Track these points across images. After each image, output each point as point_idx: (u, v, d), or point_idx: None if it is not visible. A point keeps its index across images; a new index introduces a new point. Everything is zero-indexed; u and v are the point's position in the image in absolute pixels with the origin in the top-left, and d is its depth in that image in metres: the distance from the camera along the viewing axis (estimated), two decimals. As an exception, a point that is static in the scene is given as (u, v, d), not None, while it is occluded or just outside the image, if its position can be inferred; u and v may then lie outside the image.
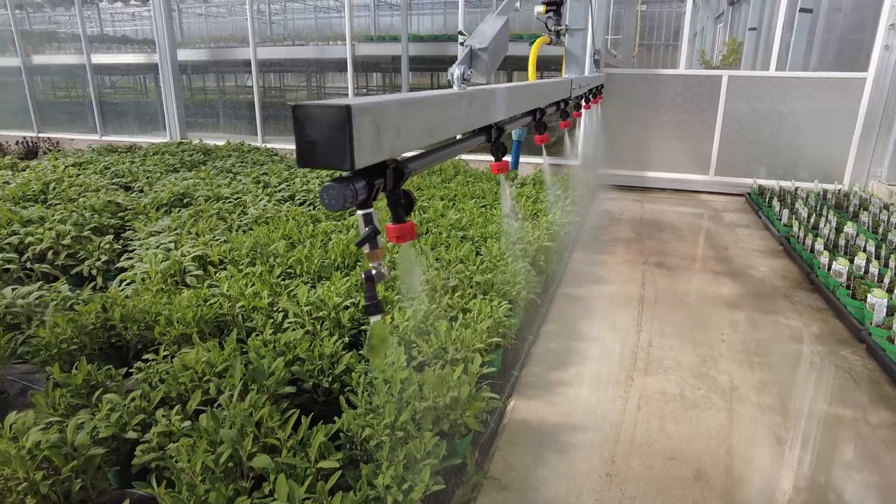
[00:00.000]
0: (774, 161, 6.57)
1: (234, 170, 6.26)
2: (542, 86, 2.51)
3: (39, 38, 11.18)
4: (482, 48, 1.65)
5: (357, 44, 7.73)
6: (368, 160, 0.99)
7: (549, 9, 3.63)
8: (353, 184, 1.01)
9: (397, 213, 1.23)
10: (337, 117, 0.91)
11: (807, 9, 8.03)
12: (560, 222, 4.24)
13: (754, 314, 3.56)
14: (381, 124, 1.04)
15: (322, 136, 0.92)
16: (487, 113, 1.72)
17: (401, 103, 1.15)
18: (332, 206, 0.98)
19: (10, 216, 4.37)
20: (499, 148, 1.95)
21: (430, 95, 1.32)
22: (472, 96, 1.55)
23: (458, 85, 1.57)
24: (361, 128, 0.94)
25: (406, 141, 1.18)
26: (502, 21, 1.81)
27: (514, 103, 2.03)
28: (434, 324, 2.62)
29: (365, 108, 0.96)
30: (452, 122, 1.46)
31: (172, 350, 2.63)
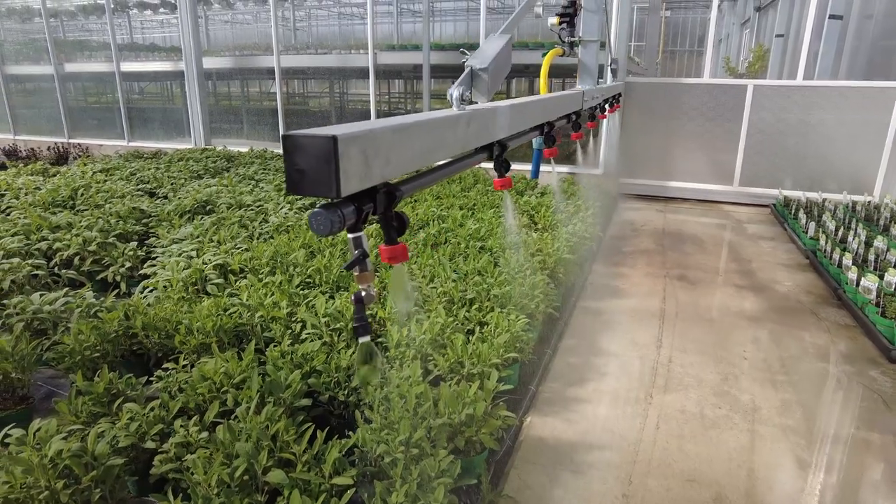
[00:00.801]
0: (801, 172, 6.44)
1: (257, 177, 6.34)
2: (551, 100, 2.49)
3: (72, 47, 11.48)
4: (482, 68, 1.65)
5: (379, 52, 7.78)
6: (356, 188, 1.01)
7: (562, 20, 3.63)
8: (340, 209, 1.03)
9: (389, 235, 1.24)
10: (324, 147, 0.93)
11: (836, 15, 7.87)
12: (580, 234, 4.20)
13: (778, 330, 3.48)
14: (371, 152, 1.06)
15: (310, 164, 0.94)
16: (488, 132, 1.70)
17: (393, 130, 1.15)
18: (319, 230, 1.00)
19: (39, 222, 4.48)
20: (501, 164, 1.93)
21: (425, 119, 1.31)
22: (471, 117, 1.54)
23: (457, 105, 1.57)
24: (348, 157, 0.96)
25: (398, 167, 1.20)
26: (505, 40, 1.80)
27: (519, 120, 2.01)
28: (451, 337, 2.61)
29: (353, 137, 0.98)
30: (449, 145, 1.45)
31: (192, 359, 2.66)
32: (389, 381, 2.26)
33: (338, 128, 1.03)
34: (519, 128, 2.05)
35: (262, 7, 16.46)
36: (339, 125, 1.08)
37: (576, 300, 3.83)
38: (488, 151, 1.82)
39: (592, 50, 3.76)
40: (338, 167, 0.93)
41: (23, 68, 11.01)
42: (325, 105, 13.18)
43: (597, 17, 3.72)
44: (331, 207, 1.01)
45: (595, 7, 3.73)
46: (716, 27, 6.94)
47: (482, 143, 1.69)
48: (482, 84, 1.67)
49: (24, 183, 6.03)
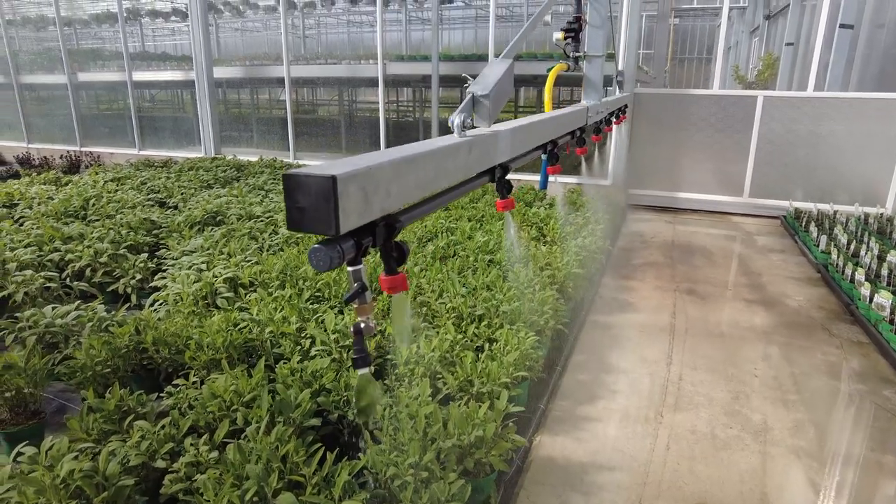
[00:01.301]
0: (812, 183, 6.40)
1: (266, 187, 6.38)
2: (554, 119, 2.49)
3: (85, 56, 11.62)
4: (484, 95, 1.65)
5: (388, 63, 7.82)
6: (354, 224, 1.03)
7: (567, 35, 3.64)
8: (340, 245, 1.04)
9: (389, 265, 1.24)
10: (323, 186, 0.95)
11: (847, 25, 7.83)
12: (590, 247, 4.19)
13: (789, 347, 3.45)
14: (370, 188, 1.07)
15: (309, 202, 0.96)
16: (489, 156, 1.71)
17: (393, 164, 1.16)
18: (319, 266, 1.01)
19: (52, 233, 4.52)
20: (503, 186, 1.92)
21: (426, 151, 1.32)
22: (472, 144, 1.55)
23: (459, 132, 1.57)
24: (347, 195, 0.98)
25: (398, 199, 1.21)
26: (507, 65, 1.80)
27: (521, 142, 2.01)
28: (460, 354, 2.61)
29: (352, 175, 1.00)
30: (450, 173, 1.45)
31: (202, 375, 2.67)
32: (399, 401, 2.26)
33: (338, 164, 1.05)
34: (521, 150, 2.05)
35: (272, 15, 16.62)
36: (340, 161, 1.10)
37: (585, 314, 3.82)
38: (490, 175, 1.82)
39: (597, 65, 3.77)
40: (337, 205, 0.95)
41: (37, 77, 11.15)
42: (334, 112, 13.27)
43: (601, 32, 3.73)
44: (330, 243, 1.03)
45: (600, 22, 3.74)
46: (725, 27, 6.92)
47: (484, 167, 1.70)
48: (484, 110, 1.68)
49: (38, 192, 6.10)
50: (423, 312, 3.03)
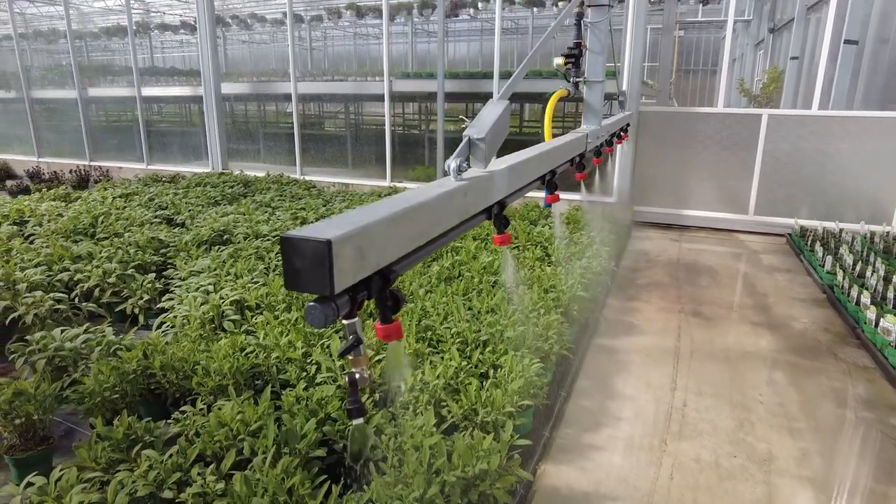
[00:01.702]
0: (817, 201, 6.39)
1: (273, 204, 6.43)
2: (551, 151, 2.51)
3: (95, 72, 11.76)
4: (480, 138, 1.68)
5: (394, 80, 7.89)
6: (349, 282, 1.06)
7: (567, 61, 3.71)
8: (335, 301, 1.06)
9: (384, 314, 1.26)
10: (318, 250, 0.98)
11: (852, 41, 7.84)
12: (594, 268, 4.20)
13: (795, 372, 3.45)
14: (365, 246, 1.10)
15: (305, 265, 1.00)
16: (486, 197, 1.73)
17: (388, 220, 1.19)
18: (314, 324, 1.05)
19: (61, 252, 4.57)
20: (501, 221, 1.94)
21: (422, 202, 1.34)
22: (468, 188, 1.57)
23: (455, 176, 1.60)
24: (342, 256, 1.01)
25: (393, 252, 1.23)
26: (503, 106, 1.83)
27: (518, 178, 2.03)
28: (465, 381, 2.63)
29: (347, 238, 1.03)
30: (445, 219, 1.48)
31: (209, 401, 2.69)
32: (403, 430, 2.27)
33: (334, 224, 1.08)
34: (519, 185, 2.07)
35: (279, 28, 16.80)
36: (336, 219, 1.13)
37: (590, 337, 3.83)
38: (487, 213, 1.84)
39: (597, 90, 3.82)
40: (331, 267, 0.98)
41: (48, 92, 11.30)
42: (340, 126, 13.36)
43: (601, 57, 3.78)
44: (325, 301, 1.05)
45: (599, 48, 3.79)
46: (730, 45, 6.94)
47: (481, 208, 1.72)
48: (479, 152, 1.70)
49: (48, 209, 6.17)
50: (427, 337, 3.05)
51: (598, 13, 3.79)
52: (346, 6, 12.62)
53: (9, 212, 6.06)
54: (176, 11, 19.86)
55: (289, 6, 8.20)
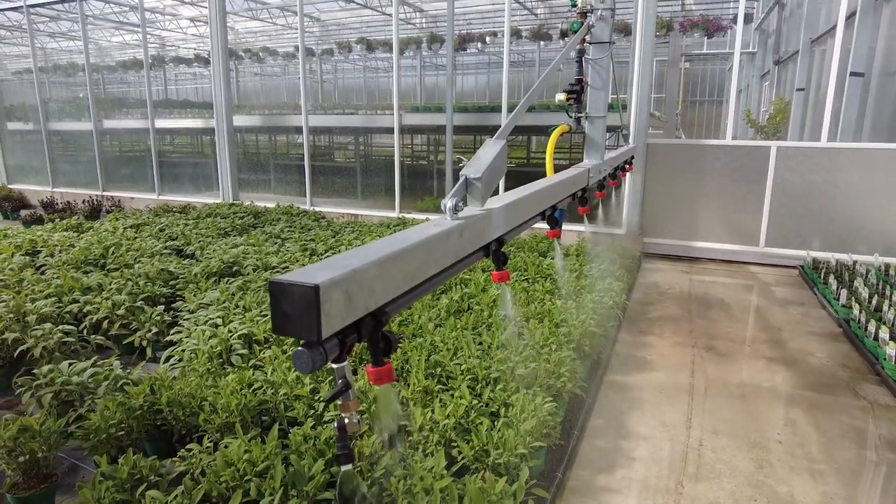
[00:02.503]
0: (829, 233, 6.34)
1: (283, 235, 6.46)
2: (552, 187, 2.50)
3: (111, 105, 12.02)
4: (476, 177, 1.69)
5: (404, 113, 7.99)
6: (338, 326, 1.05)
7: (569, 97, 3.77)
8: (323, 346, 1.05)
9: (376, 357, 1.24)
10: (305, 295, 0.97)
11: (858, 73, 7.89)
12: (606, 303, 4.16)
13: (813, 410, 3.36)
14: (355, 290, 1.09)
15: (293, 309, 0.99)
16: (482, 235, 1.73)
17: (379, 263, 1.18)
18: (302, 369, 1.03)
19: (72, 284, 4.59)
20: (499, 258, 1.93)
21: (415, 243, 1.33)
22: (464, 227, 1.57)
23: (451, 216, 1.59)
24: (330, 301, 1.00)
25: (385, 295, 1.22)
26: (500, 146, 1.84)
27: (516, 216, 2.02)
28: (475, 420, 2.57)
29: (336, 282, 1.02)
30: (441, 258, 1.47)
31: (216, 438, 2.65)
32: (413, 472, 2.21)
33: (323, 267, 1.07)
34: (518, 221, 2.07)
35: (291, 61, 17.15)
36: (326, 262, 1.13)
37: (602, 374, 3.76)
38: (484, 250, 1.83)
39: (599, 125, 3.86)
40: (319, 312, 0.97)
41: (64, 124, 11.54)
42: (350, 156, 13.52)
43: (602, 93, 3.84)
44: (313, 346, 1.03)
45: (601, 84, 3.84)
46: (737, 78, 6.98)
47: (477, 246, 1.72)
48: (476, 191, 1.71)
49: (60, 239, 6.22)
50: (437, 373, 3.00)
51: (599, 50, 3.86)
52: (356, 40, 12.91)
53: (22, 242, 6.11)
54: (190, 45, 20.37)
55: (300, 40, 8.38)
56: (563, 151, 11.68)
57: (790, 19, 12.08)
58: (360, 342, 1.20)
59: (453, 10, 7.87)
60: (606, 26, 3.81)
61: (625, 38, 10.56)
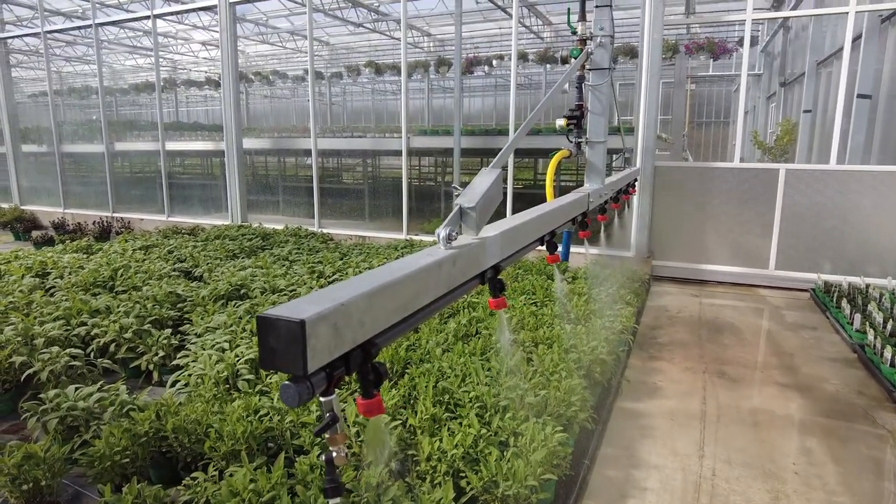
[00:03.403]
0: (840, 256, 6.28)
1: (291, 258, 6.46)
2: (550, 213, 2.50)
3: (123, 127, 12.20)
4: (471, 207, 1.70)
5: (412, 136, 8.05)
6: (325, 360, 1.05)
7: (569, 123, 3.82)
8: (309, 380, 1.05)
9: (366, 389, 1.24)
10: (292, 330, 0.98)
11: (865, 95, 7.89)
12: (615, 328, 4.11)
13: (830, 439, 3.28)
14: (342, 324, 1.09)
15: (279, 344, 0.99)
16: (477, 264, 1.72)
17: (368, 295, 1.17)
18: (289, 403, 1.03)
19: (80, 306, 4.60)
20: (495, 285, 1.92)
21: (405, 275, 1.32)
22: (457, 256, 1.57)
23: (444, 245, 1.59)
24: (317, 336, 1.00)
25: (374, 327, 1.21)
26: (495, 175, 1.86)
27: (513, 243, 2.02)
28: (484, 450, 2.53)
29: (323, 316, 1.02)
30: (432, 288, 1.46)
31: (221, 466, 2.62)
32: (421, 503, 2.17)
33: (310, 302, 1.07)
34: (515, 248, 2.06)
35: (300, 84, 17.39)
36: (315, 294, 1.12)
37: (613, 400, 3.70)
38: (480, 277, 1.83)
39: (599, 150, 3.90)
40: (305, 347, 0.98)
41: (77, 147, 11.70)
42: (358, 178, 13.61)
43: (602, 118, 3.89)
44: (299, 380, 1.03)
45: (600, 110, 3.89)
46: (743, 102, 6.98)
47: (471, 275, 1.71)
48: (470, 220, 1.72)
49: (69, 261, 6.26)
50: (444, 401, 2.97)
51: (598, 76, 3.91)
52: (365, 64, 13.07)
53: (32, 264, 6.15)
54: (202, 68, 20.73)
55: (310, 64, 8.50)
56: (569, 173, 11.71)
57: (795, 42, 12.15)
58: (349, 374, 1.19)
59: (461, 34, 7.97)
60: (606, 53, 3.86)
61: (631, 60, 10.65)
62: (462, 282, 1.63)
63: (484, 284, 1.86)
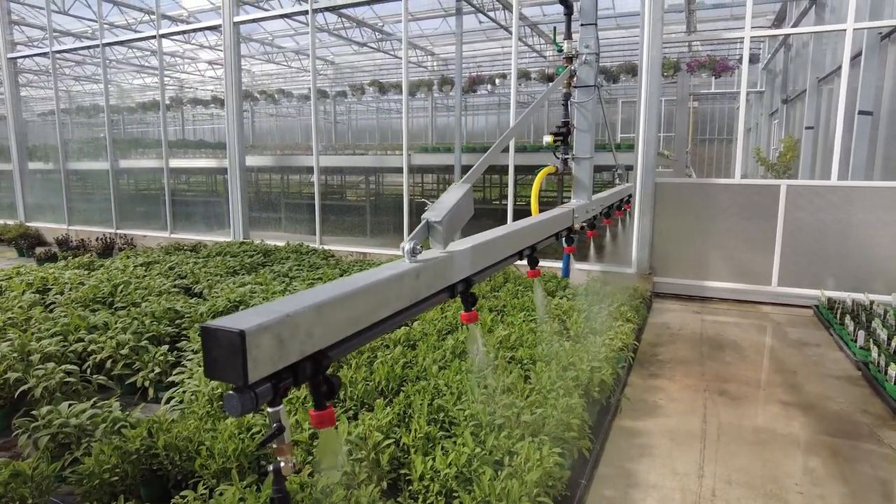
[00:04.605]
0: (843, 272, 6.22)
1: (291, 274, 6.46)
2: (526, 229, 2.50)
3: (128, 145, 12.33)
4: (437, 221, 1.71)
5: (413, 154, 8.09)
6: (267, 371, 1.05)
7: (556, 140, 3.87)
8: (253, 391, 1.05)
9: (318, 400, 1.24)
10: (231, 340, 0.99)
11: (866, 111, 7.89)
12: (615, 345, 4.07)
13: (834, 458, 3.22)
14: (287, 335, 1.09)
15: (221, 354, 1.01)
16: (444, 277, 1.73)
17: (317, 307, 1.17)
18: (233, 413, 1.04)
19: (78, 322, 4.59)
20: (466, 299, 1.92)
21: (360, 287, 1.32)
22: (421, 270, 1.57)
23: (409, 258, 1.59)
24: (258, 346, 1.01)
25: (325, 338, 1.21)
26: (465, 189, 1.87)
27: (486, 257, 2.01)
28: (477, 469, 2.48)
29: (265, 327, 1.03)
30: (393, 301, 1.46)
31: (212, 484, 2.59)
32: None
33: (254, 313, 1.08)
34: (489, 262, 2.06)
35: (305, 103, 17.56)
36: (260, 308, 1.13)
37: (612, 418, 3.65)
38: (450, 291, 1.82)
39: (585, 166, 3.93)
40: (245, 358, 0.99)
41: (83, 164, 11.81)
42: (360, 195, 13.66)
43: (588, 135, 3.94)
44: (243, 390, 1.04)
45: (586, 127, 3.94)
46: (744, 117, 6.99)
47: (439, 288, 1.71)
48: (438, 235, 1.74)
49: (70, 277, 6.27)
50: (439, 419, 2.93)
51: (584, 94, 3.95)
52: (369, 83, 13.21)
53: (33, 280, 6.17)
54: (208, 87, 20.98)
55: (313, 83, 8.58)
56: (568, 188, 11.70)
57: (796, 59, 12.20)
58: (298, 386, 1.19)
59: (461, 54, 8.04)
60: (591, 70, 3.90)
61: (633, 78, 10.71)
62: (427, 295, 1.63)
63: (454, 298, 1.86)
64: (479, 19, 11.76)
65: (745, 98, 6.98)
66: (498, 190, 14.98)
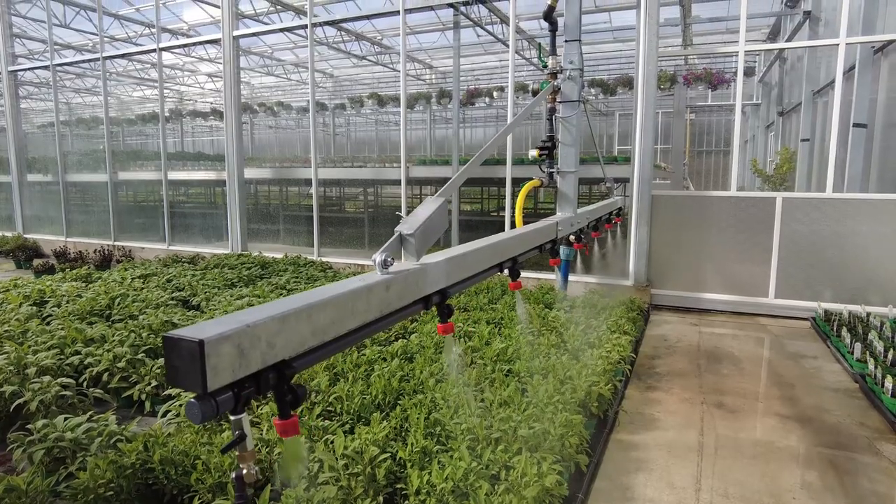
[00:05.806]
0: (840, 284, 6.24)
1: (289, 286, 6.46)
2: (510, 240, 2.52)
3: (126, 157, 12.36)
4: (410, 234, 1.74)
5: (411, 166, 8.13)
6: (227, 380, 1.07)
7: (542, 153, 3.92)
8: (214, 399, 1.07)
9: (282, 409, 1.26)
10: (191, 349, 1.01)
11: (860, 124, 7.95)
12: (613, 358, 4.07)
13: (832, 472, 3.21)
14: (248, 345, 1.11)
15: (181, 362, 1.03)
16: (417, 288, 1.75)
17: (279, 318, 1.20)
18: (194, 420, 1.06)
19: (75, 335, 4.59)
20: (442, 311, 1.94)
21: (326, 299, 1.34)
22: (392, 281, 1.59)
23: (380, 270, 1.61)
24: (218, 355, 1.04)
25: (287, 349, 1.23)
26: (439, 203, 1.90)
27: (462, 269, 2.03)
28: (474, 484, 2.48)
29: (224, 337, 1.05)
30: (361, 313, 1.48)
31: (207, 499, 2.58)
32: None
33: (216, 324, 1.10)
34: (466, 274, 2.07)
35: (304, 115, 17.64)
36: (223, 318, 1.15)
37: (609, 432, 3.64)
38: (424, 303, 1.83)
39: (570, 180, 3.98)
40: (204, 367, 1.01)
41: (82, 176, 11.84)
42: (358, 206, 13.70)
43: (573, 149, 4.01)
44: (204, 398, 1.06)
45: (571, 141, 4.01)
46: (741, 129, 7.04)
47: (411, 299, 1.73)
48: (411, 247, 1.76)
49: (68, 289, 6.27)
50: (436, 433, 2.92)
51: (568, 108, 4.00)
52: (368, 95, 13.30)
53: (31, 292, 6.16)
54: (208, 99, 21.06)
55: (311, 96, 8.63)
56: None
57: (791, 72, 12.31)
58: (261, 395, 1.22)
59: (459, 67, 8.12)
60: (575, 86, 3.96)
61: (630, 91, 10.79)
62: (399, 307, 1.64)
63: (428, 310, 1.88)
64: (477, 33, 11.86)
65: (740, 111, 7.04)
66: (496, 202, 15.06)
